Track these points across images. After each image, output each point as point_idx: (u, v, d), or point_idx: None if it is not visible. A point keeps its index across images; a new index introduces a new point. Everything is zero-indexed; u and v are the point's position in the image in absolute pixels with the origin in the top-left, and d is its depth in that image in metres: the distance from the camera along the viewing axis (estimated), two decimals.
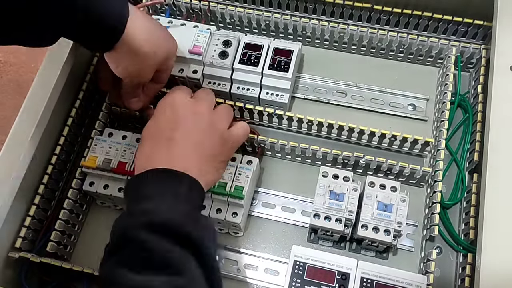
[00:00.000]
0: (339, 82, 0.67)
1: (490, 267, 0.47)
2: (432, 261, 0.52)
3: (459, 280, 0.55)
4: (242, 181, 0.56)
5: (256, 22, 0.68)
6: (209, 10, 0.68)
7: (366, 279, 0.51)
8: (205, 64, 0.62)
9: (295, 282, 0.51)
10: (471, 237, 0.54)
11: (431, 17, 0.63)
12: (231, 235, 0.60)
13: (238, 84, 0.63)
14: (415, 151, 0.61)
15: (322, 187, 0.55)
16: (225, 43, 0.63)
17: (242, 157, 0.58)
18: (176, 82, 0.63)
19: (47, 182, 0.57)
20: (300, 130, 0.63)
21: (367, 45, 0.67)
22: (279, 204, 0.61)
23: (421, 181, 0.60)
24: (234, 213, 0.56)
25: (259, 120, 0.64)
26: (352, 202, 0.54)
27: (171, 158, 0.50)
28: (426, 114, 0.65)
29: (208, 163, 0.52)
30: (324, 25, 0.65)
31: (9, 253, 0.54)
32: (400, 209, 0.54)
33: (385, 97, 0.66)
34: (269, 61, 0.62)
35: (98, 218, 0.62)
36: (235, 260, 0.58)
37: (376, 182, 0.55)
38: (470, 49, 0.63)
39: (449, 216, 0.58)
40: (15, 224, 0.54)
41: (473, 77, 0.65)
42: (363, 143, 0.62)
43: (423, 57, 0.67)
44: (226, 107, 0.57)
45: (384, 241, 0.53)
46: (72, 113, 0.60)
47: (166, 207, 0.45)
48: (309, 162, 0.63)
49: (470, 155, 0.59)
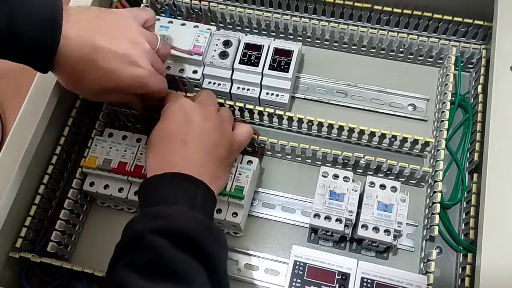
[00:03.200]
0: (339, 82, 0.67)
1: (490, 267, 0.47)
2: (432, 261, 0.52)
3: (459, 280, 0.55)
4: (242, 181, 0.56)
5: (256, 22, 0.68)
6: (209, 10, 0.68)
7: (366, 279, 0.51)
8: (205, 64, 0.62)
9: (295, 282, 0.51)
10: (471, 237, 0.54)
11: (431, 17, 0.64)
12: (231, 235, 0.60)
13: (238, 84, 0.63)
14: (415, 151, 0.61)
15: (322, 187, 0.55)
16: (225, 43, 0.63)
17: (242, 157, 0.58)
18: (176, 82, 0.63)
19: (48, 182, 0.57)
20: (300, 130, 0.63)
21: (367, 45, 0.67)
22: (279, 204, 0.61)
23: (421, 181, 0.60)
24: (234, 213, 0.56)
25: (259, 120, 0.64)
26: (352, 202, 0.54)
27: (186, 161, 0.49)
28: (426, 114, 0.65)
29: (219, 167, 0.52)
30: (324, 25, 0.65)
31: (9, 253, 0.54)
32: (400, 209, 0.54)
33: (385, 97, 0.66)
34: (269, 61, 0.62)
35: (98, 218, 0.62)
36: (235, 260, 0.58)
37: (376, 182, 0.55)
38: (470, 49, 0.63)
39: (449, 216, 0.58)
40: (16, 224, 0.54)
41: (473, 77, 0.65)
42: (363, 143, 0.62)
43: (423, 57, 0.67)
44: (228, 109, 0.57)
45: (384, 241, 0.53)
46: (73, 113, 0.60)
47: (182, 215, 0.44)
48: (309, 162, 0.63)
49: (470, 155, 0.59)
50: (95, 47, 0.46)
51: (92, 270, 0.53)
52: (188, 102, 0.53)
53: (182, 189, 0.47)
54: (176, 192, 0.46)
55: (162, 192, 0.46)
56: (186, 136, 0.50)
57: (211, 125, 0.52)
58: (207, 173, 0.49)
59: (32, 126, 0.54)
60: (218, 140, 0.52)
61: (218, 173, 0.52)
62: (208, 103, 0.54)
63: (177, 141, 0.50)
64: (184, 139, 0.50)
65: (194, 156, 0.50)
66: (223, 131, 0.53)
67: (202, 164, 0.50)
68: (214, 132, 0.52)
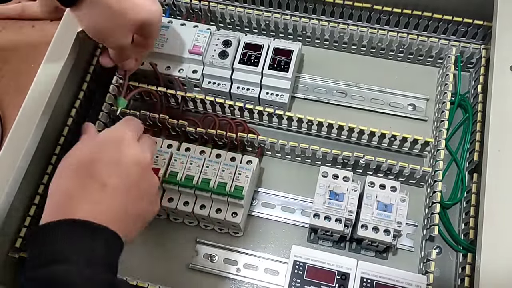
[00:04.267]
0: (339, 82, 0.67)
1: (489, 267, 0.47)
2: (432, 261, 0.52)
3: (458, 280, 0.55)
4: (242, 181, 0.56)
5: (256, 22, 0.68)
6: (209, 10, 0.68)
7: (366, 279, 0.51)
8: (205, 64, 0.62)
9: (295, 282, 0.51)
10: (471, 237, 0.54)
11: (431, 17, 0.64)
12: (231, 235, 0.60)
13: (238, 84, 0.63)
14: (415, 151, 0.61)
15: (322, 187, 0.55)
16: (225, 43, 0.63)
17: (242, 157, 0.58)
18: (176, 82, 0.63)
19: (47, 182, 0.57)
20: (300, 130, 0.63)
21: (367, 45, 0.67)
22: (279, 204, 0.61)
23: (421, 181, 0.60)
24: (234, 213, 0.56)
25: (259, 120, 0.64)
26: (352, 202, 0.54)
27: (97, 208, 0.41)
28: (426, 114, 0.65)
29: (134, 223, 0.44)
30: (324, 25, 0.65)
31: (9, 253, 0.54)
32: (400, 209, 0.54)
33: (385, 97, 0.66)
34: (269, 61, 0.62)
35: None
36: (235, 260, 0.58)
37: (376, 182, 0.55)
38: (470, 49, 0.63)
39: (449, 216, 0.58)
40: (16, 224, 0.54)
41: (473, 77, 0.65)
42: (363, 143, 0.62)
43: (423, 57, 0.67)
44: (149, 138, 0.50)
45: (384, 241, 0.53)
46: (72, 112, 0.60)
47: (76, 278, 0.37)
48: (309, 162, 0.63)
49: (470, 155, 0.59)
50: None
51: None
52: (129, 138, 0.46)
53: (78, 241, 0.39)
54: (70, 245, 0.38)
55: (52, 247, 0.38)
56: (109, 178, 0.42)
57: (143, 175, 0.45)
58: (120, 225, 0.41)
59: (32, 126, 0.54)
60: (145, 192, 0.45)
61: (131, 228, 0.44)
62: (148, 150, 0.47)
63: (96, 182, 0.42)
64: (105, 181, 0.42)
65: (110, 203, 0.42)
66: (151, 180, 0.46)
67: (116, 214, 0.42)
68: (143, 182, 0.45)
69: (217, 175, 0.56)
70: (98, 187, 0.42)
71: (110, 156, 0.44)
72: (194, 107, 0.65)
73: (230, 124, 0.62)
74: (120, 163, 0.43)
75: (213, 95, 0.63)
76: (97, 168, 0.43)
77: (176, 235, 0.60)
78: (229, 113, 0.64)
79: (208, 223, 0.59)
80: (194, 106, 0.65)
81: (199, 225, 0.60)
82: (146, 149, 0.47)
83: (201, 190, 0.55)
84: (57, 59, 0.56)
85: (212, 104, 0.62)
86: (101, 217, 0.40)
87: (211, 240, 0.59)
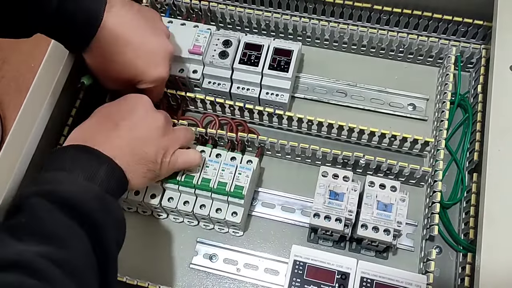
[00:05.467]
0: (339, 82, 0.67)
1: (489, 266, 0.47)
2: (432, 261, 0.52)
3: (458, 279, 0.55)
4: (242, 180, 0.56)
5: (256, 22, 0.68)
6: (209, 10, 0.68)
7: (366, 279, 0.51)
8: (205, 64, 0.63)
9: (295, 282, 0.51)
10: (471, 236, 0.54)
11: (431, 17, 0.64)
12: (231, 235, 0.60)
13: (238, 84, 0.63)
14: (415, 151, 0.61)
15: (322, 187, 0.55)
16: (225, 43, 0.63)
17: (242, 157, 0.58)
18: (176, 82, 0.63)
19: None
20: (300, 130, 0.63)
21: (367, 45, 0.67)
22: (279, 204, 0.61)
23: (421, 181, 0.60)
24: (234, 213, 0.56)
25: (259, 120, 0.64)
26: (352, 202, 0.54)
27: (105, 139, 0.48)
28: (426, 114, 0.65)
29: (137, 164, 0.49)
30: (324, 25, 0.65)
31: None
32: (400, 208, 0.54)
33: (385, 97, 0.66)
34: (269, 61, 0.62)
35: None
36: (235, 260, 0.58)
37: (376, 182, 0.55)
38: (470, 49, 0.63)
39: (449, 216, 0.58)
40: None
41: (473, 77, 0.65)
42: (363, 143, 0.62)
43: (423, 57, 0.67)
44: (186, 130, 0.56)
45: (384, 241, 0.53)
46: (73, 112, 0.60)
47: (72, 182, 0.43)
48: (309, 162, 0.63)
49: (470, 155, 0.59)
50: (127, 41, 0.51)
51: None
52: (150, 103, 0.53)
53: (84, 160, 0.45)
54: (75, 162, 0.45)
55: (62, 161, 0.45)
56: (121, 120, 0.50)
57: (152, 125, 0.51)
58: (124, 160, 0.47)
59: (32, 126, 0.54)
60: (150, 140, 0.50)
61: (134, 168, 0.49)
62: (168, 120, 0.54)
63: (110, 121, 0.50)
64: (118, 122, 0.49)
65: (117, 140, 0.48)
66: (160, 138, 0.51)
67: (122, 150, 0.48)
68: (150, 132, 0.51)
69: (217, 174, 0.56)
70: (111, 126, 0.49)
71: (125, 106, 0.52)
72: (194, 107, 0.65)
73: (230, 124, 0.62)
74: (131, 111, 0.51)
75: (213, 95, 0.63)
76: (114, 112, 0.51)
77: (177, 234, 0.60)
78: (229, 113, 0.64)
79: (208, 222, 0.59)
80: (194, 106, 0.65)
81: (199, 225, 0.60)
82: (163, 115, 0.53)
83: (201, 190, 0.55)
84: (57, 59, 0.57)
85: (212, 104, 0.62)
86: (109, 150, 0.46)
87: (211, 240, 0.59)
